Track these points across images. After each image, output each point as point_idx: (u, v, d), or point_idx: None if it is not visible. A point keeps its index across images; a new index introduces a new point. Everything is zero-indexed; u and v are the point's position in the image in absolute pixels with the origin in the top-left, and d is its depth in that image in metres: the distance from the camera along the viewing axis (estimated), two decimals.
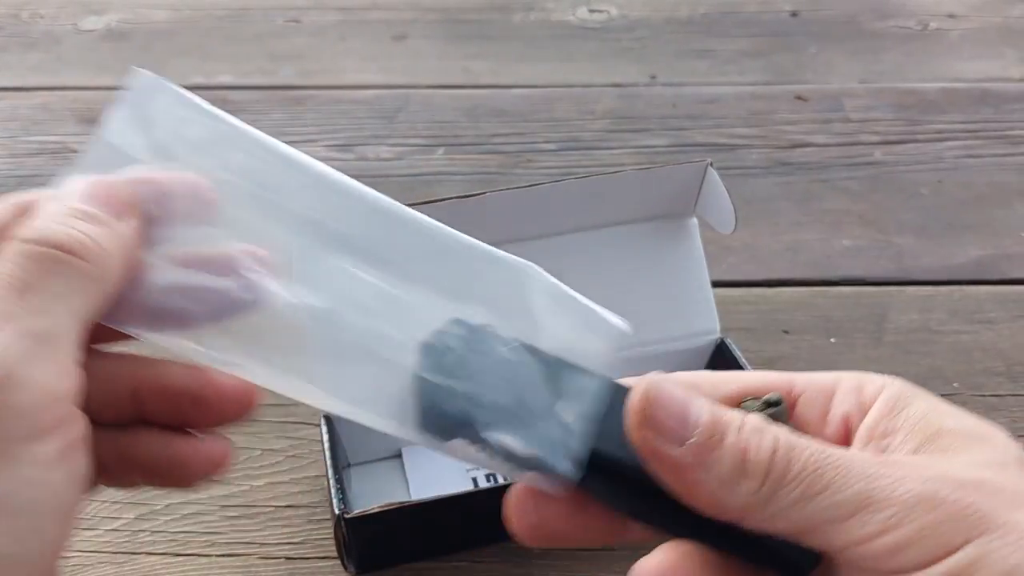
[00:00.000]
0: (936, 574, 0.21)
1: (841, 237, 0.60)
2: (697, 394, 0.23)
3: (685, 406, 0.22)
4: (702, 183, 0.46)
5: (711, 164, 0.45)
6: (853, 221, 0.62)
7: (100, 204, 0.24)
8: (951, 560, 0.21)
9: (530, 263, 0.26)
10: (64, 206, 0.24)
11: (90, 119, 0.72)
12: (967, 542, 0.21)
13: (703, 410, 0.22)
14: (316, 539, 0.42)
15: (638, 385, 0.22)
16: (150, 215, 0.25)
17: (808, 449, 0.22)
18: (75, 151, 0.68)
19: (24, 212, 0.24)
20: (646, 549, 0.23)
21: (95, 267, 0.24)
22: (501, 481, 0.43)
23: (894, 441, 0.24)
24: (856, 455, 0.22)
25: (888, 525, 0.21)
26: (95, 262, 0.24)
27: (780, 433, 0.22)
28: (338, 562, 0.41)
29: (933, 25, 0.86)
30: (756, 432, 0.22)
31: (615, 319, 0.25)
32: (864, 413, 0.25)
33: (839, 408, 0.25)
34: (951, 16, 0.87)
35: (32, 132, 0.70)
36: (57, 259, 0.23)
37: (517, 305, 0.25)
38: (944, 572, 0.21)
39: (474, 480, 0.44)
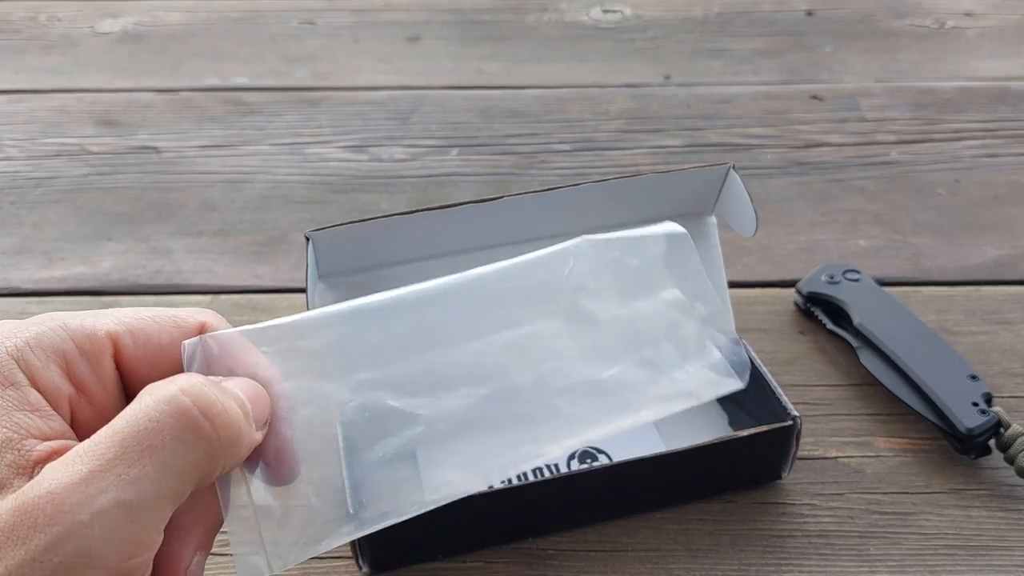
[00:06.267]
0: None
1: (857, 237, 0.60)
2: None
3: None
4: (722, 185, 0.46)
5: (733, 167, 0.45)
6: (869, 221, 0.62)
7: (255, 408, 0.26)
8: None
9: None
10: (223, 387, 0.25)
11: (107, 121, 0.72)
12: None
13: None
14: None
15: None
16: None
17: None
18: (92, 153, 0.69)
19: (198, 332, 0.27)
20: (654, 551, 0.22)
21: (223, 449, 0.24)
22: (515, 482, 0.43)
23: None
24: None
25: None
26: (226, 441, 0.24)
27: None
28: (352, 562, 0.41)
29: (950, 23, 0.86)
30: None
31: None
32: None
33: None
34: (968, 14, 0.87)
35: (50, 134, 0.71)
36: (196, 426, 0.23)
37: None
38: None
39: None
